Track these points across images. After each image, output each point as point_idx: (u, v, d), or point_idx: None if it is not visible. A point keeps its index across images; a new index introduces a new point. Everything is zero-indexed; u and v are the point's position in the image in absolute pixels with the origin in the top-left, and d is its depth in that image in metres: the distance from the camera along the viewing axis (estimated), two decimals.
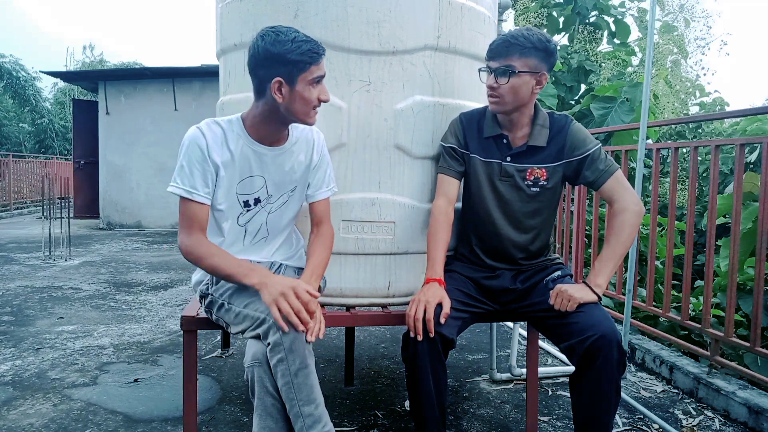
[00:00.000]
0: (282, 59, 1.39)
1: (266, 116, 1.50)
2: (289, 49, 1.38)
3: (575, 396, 1.57)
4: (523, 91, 1.62)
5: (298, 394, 1.33)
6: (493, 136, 1.72)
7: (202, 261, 1.45)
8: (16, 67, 17.72)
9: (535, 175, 1.68)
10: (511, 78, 1.60)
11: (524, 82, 1.61)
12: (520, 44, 1.59)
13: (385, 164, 1.77)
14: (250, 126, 1.53)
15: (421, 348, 1.51)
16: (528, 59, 1.60)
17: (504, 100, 1.63)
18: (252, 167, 1.55)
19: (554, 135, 1.69)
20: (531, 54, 1.60)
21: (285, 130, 1.56)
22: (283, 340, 1.32)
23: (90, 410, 2.17)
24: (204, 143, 1.48)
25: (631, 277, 2.60)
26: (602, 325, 1.46)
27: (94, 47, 24.28)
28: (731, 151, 6.37)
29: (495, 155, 1.71)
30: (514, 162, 1.69)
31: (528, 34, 1.61)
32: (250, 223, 1.61)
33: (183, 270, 5.20)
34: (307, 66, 1.41)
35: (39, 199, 12.09)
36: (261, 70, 1.43)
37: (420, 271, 1.85)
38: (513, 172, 1.69)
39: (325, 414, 1.37)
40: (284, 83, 1.41)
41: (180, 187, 1.47)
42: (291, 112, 1.46)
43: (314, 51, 1.41)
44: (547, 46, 1.61)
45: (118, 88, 8.62)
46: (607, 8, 6.07)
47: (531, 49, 1.59)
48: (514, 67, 1.60)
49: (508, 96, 1.62)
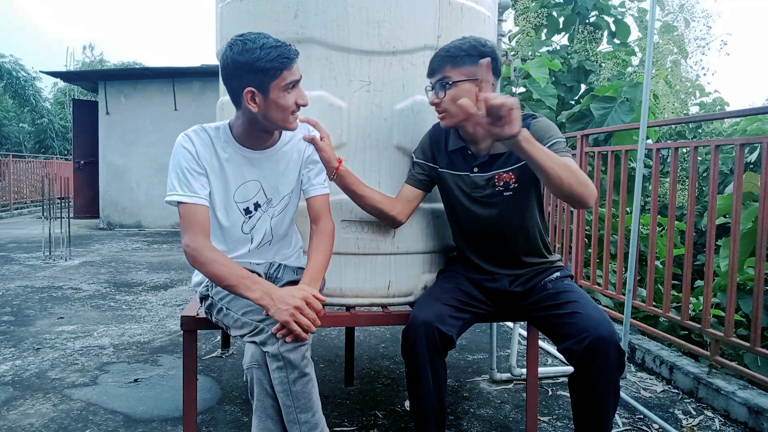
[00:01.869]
0: (251, 68, 1.35)
1: (248, 126, 1.48)
2: (257, 57, 1.34)
3: (575, 397, 1.57)
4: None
5: (295, 402, 1.33)
6: (457, 148, 1.70)
7: (205, 267, 1.42)
8: (16, 67, 17.72)
9: (504, 179, 1.64)
10: (449, 89, 1.58)
11: (464, 90, 1.57)
12: (451, 54, 1.58)
13: (385, 164, 1.77)
14: (236, 134, 1.52)
15: (421, 343, 1.51)
16: (462, 68, 1.57)
17: (450, 113, 1.60)
18: (245, 173, 1.54)
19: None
20: (464, 61, 1.57)
21: (272, 135, 1.55)
22: (281, 351, 1.31)
23: (90, 410, 2.17)
24: (193, 149, 1.48)
25: (631, 277, 2.60)
26: (600, 326, 1.46)
27: (94, 47, 24.29)
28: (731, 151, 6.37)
29: (462, 168, 1.69)
30: (481, 172, 1.67)
31: (460, 43, 1.59)
32: (255, 230, 1.59)
33: (183, 270, 5.20)
34: (278, 72, 1.36)
35: (39, 199, 12.08)
36: (232, 81, 1.40)
37: (420, 271, 1.85)
38: (482, 182, 1.66)
39: (322, 420, 1.37)
40: (257, 92, 1.38)
41: (177, 193, 1.46)
42: (269, 120, 1.43)
43: (285, 56, 1.36)
44: (482, 50, 1.57)
45: (118, 88, 8.63)
46: (607, 8, 6.07)
47: (464, 57, 1.57)
48: (450, 77, 1.58)
49: (452, 108, 1.58)
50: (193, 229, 1.45)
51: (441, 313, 1.57)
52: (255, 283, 1.38)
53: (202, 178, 1.49)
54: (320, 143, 1.60)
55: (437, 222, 1.87)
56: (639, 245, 3.37)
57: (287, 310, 1.31)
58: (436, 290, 1.72)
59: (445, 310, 1.59)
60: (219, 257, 1.43)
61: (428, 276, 1.87)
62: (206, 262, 1.42)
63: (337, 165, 1.62)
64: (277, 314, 1.32)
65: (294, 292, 1.36)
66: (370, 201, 1.69)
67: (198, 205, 1.47)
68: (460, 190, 1.70)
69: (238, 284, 1.38)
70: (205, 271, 1.45)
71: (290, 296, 1.34)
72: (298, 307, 1.32)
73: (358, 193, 1.68)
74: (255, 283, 1.38)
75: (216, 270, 1.40)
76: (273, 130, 1.52)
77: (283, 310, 1.32)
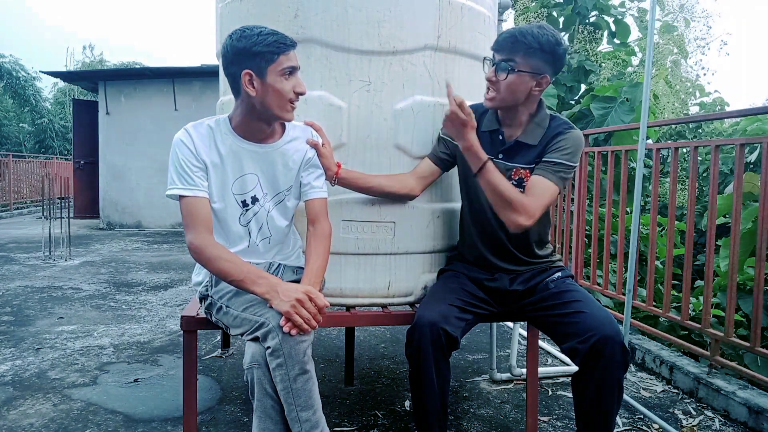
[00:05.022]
0: (248, 52, 1.41)
1: (246, 114, 1.51)
2: (254, 42, 1.40)
3: (578, 396, 1.56)
4: (520, 90, 1.59)
5: (296, 399, 1.33)
6: (489, 130, 1.71)
7: (211, 263, 1.44)
8: (15, 67, 17.72)
9: (520, 175, 1.65)
10: (510, 75, 1.57)
11: (523, 81, 1.57)
12: (527, 42, 1.54)
13: (385, 164, 1.77)
14: (236, 125, 1.54)
15: (426, 343, 1.51)
16: (531, 59, 1.56)
17: (500, 95, 1.60)
18: (243, 165, 1.55)
19: (549, 137, 1.64)
20: (536, 55, 1.55)
21: (271, 127, 1.56)
22: (282, 346, 1.32)
23: (90, 410, 2.17)
24: (192, 143, 1.49)
25: (631, 277, 2.60)
26: (605, 326, 1.46)
27: (94, 47, 24.31)
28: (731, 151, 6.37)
29: (489, 151, 1.66)
30: (504, 159, 1.67)
31: (538, 33, 1.55)
32: (252, 222, 1.60)
33: (183, 270, 5.20)
34: (274, 57, 1.42)
35: (39, 199, 12.08)
36: (232, 67, 1.45)
37: (420, 271, 1.85)
38: (502, 170, 1.64)
39: (322, 419, 1.38)
40: (254, 76, 1.43)
41: (177, 187, 1.48)
42: (266, 106, 1.46)
43: (281, 42, 1.42)
44: (556, 50, 1.56)
45: (118, 88, 8.62)
46: (607, 8, 6.07)
47: (537, 50, 1.55)
48: (516, 64, 1.56)
49: (504, 92, 1.59)
50: (196, 225, 1.47)
51: (447, 314, 1.56)
52: (261, 277, 1.42)
53: (200, 172, 1.50)
54: (322, 149, 1.63)
55: (437, 222, 1.87)
56: (639, 245, 3.37)
57: (289, 301, 1.35)
58: (440, 290, 1.71)
59: (451, 310, 1.59)
60: (224, 253, 1.45)
61: (428, 276, 1.87)
62: (211, 258, 1.44)
63: (336, 170, 1.65)
64: (280, 305, 1.35)
65: (297, 286, 1.41)
66: (378, 190, 1.73)
67: (199, 198, 1.49)
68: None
69: (244, 279, 1.41)
70: (211, 268, 1.46)
71: (294, 290, 1.38)
72: (300, 299, 1.36)
73: (365, 187, 1.71)
74: (261, 277, 1.42)
75: (222, 266, 1.43)
76: (270, 120, 1.52)
77: (285, 301, 1.35)
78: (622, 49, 6.12)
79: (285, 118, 1.50)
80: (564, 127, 1.64)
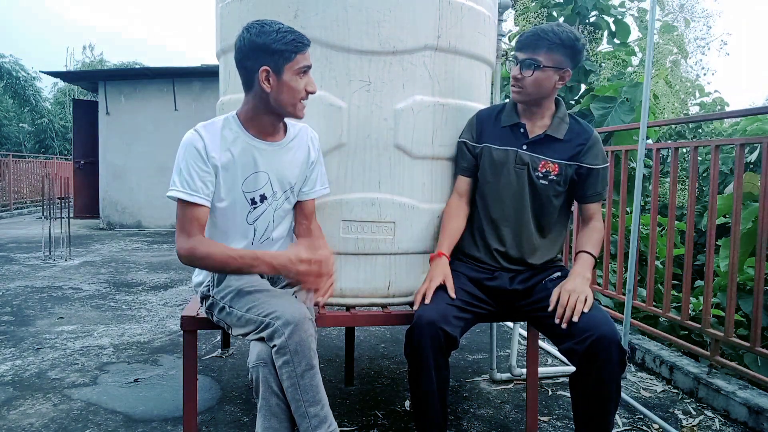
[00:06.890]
0: (267, 49, 1.42)
1: (258, 109, 1.51)
2: (274, 39, 1.41)
3: (576, 396, 1.57)
4: (545, 85, 1.68)
5: (304, 395, 1.34)
6: (510, 125, 1.76)
7: (206, 260, 1.45)
8: (15, 67, 17.71)
9: (547, 168, 1.71)
10: (536, 71, 1.66)
11: (547, 76, 1.66)
12: (549, 39, 1.64)
13: (385, 164, 1.77)
14: (245, 121, 1.54)
15: (425, 342, 1.52)
16: (554, 55, 1.65)
17: (526, 90, 1.69)
18: (256, 163, 1.55)
19: (573, 133, 1.73)
20: (558, 50, 1.65)
21: (279, 124, 1.57)
22: (288, 343, 1.33)
23: (90, 410, 2.17)
24: (202, 145, 1.48)
25: (631, 277, 2.60)
26: (602, 326, 1.47)
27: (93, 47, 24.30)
28: (731, 151, 6.36)
29: (511, 143, 1.75)
30: (530, 151, 1.73)
31: (558, 30, 1.66)
32: (258, 220, 1.60)
33: (183, 270, 5.20)
34: (292, 55, 1.43)
35: (39, 199, 12.08)
36: (248, 61, 1.45)
37: (420, 271, 1.85)
38: (528, 160, 1.72)
39: (330, 414, 1.39)
40: (271, 72, 1.44)
41: (179, 190, 1.46)
42: (279, 103, 1.47)
43: (299, 41, 1.44)
44: (575, 44, 1.66)
45: (118, 88, 8.62)
46: (607, 8, 6.06)
47: (558, 45, 1.64)
48: (540, 61, 1.65)
49: (530, 87, 1.68)
50: (190, 228, 1.46)
51: (445, 313, 1.57)
52: (255, 259, 1.44)
53: (207, 176, 1.49)
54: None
55: (437, 222, 1.87)
56: (639, 245, 3.37)
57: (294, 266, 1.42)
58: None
59: (450, 310, 1.59)
60: (213, 249, 1.45)
61: None
62: (203, 256, 1.44)
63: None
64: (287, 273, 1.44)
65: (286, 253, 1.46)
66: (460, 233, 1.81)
67: (197, 206, 1.47)
68: (500, 164, 1.74)
69: (243, 265, 1.44)
70: (204, 266, 1.48)
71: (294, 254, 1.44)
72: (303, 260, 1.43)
73: (457, 239, 1.80)
74: (255, 259, 1.44)
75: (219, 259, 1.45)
76: (281, 115, 1.54)
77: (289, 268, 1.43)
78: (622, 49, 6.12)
79: (297, 116, 1.52)
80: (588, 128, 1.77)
